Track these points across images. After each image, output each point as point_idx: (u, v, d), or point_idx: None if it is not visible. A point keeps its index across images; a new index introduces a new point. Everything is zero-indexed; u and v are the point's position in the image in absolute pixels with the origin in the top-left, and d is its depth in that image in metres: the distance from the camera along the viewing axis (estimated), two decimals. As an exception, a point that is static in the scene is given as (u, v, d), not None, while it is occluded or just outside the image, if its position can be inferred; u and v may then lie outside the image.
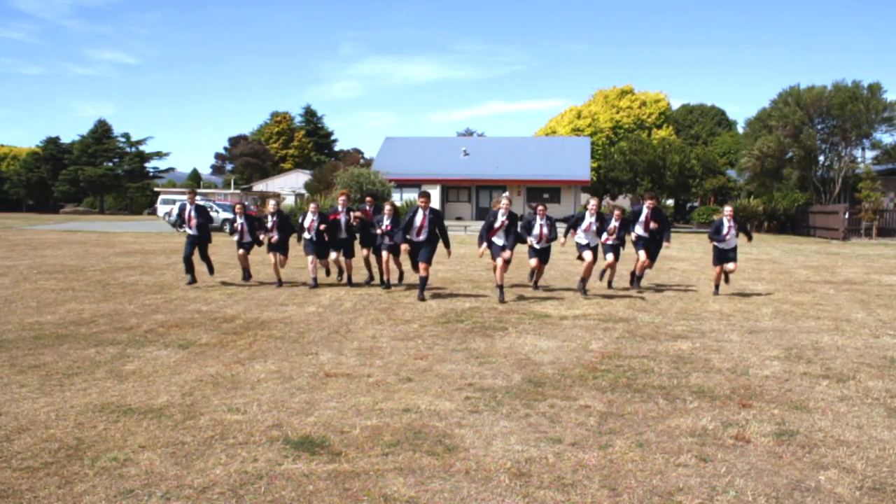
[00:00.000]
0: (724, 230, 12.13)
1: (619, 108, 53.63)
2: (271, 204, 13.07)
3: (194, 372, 6.52)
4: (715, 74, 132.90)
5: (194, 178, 79.01)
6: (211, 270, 13.34)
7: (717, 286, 12.48)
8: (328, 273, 13.64)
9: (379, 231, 12.18)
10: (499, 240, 11.42)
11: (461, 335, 8.39)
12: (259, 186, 65.53)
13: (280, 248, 12.84)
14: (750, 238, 13.21)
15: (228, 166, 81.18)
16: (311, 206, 12.95)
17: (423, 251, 11.24)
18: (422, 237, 11.28)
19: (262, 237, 12.71)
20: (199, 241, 12.80)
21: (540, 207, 11.91)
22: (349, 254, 12.76)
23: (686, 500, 3.90)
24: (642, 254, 12.59)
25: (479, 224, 40.89)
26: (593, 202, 12.33)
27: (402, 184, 40.80)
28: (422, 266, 11.19)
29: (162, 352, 7.33)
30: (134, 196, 71.86)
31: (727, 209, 12.38)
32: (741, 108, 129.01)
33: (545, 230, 11.81)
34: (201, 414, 5.28)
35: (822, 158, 39.80)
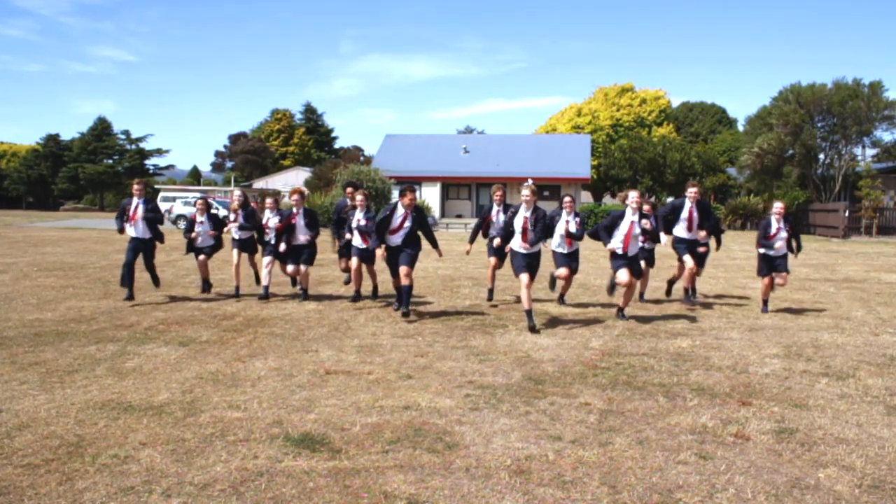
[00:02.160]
0: (772, 231, 9.98)
1: (619, 105, 53.60)
2: (236, 195, 11.35)
3: (195, 369, 6.53)
4: (715, 72, 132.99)
5: (194, 176, 79.01)
6: (156, 282, 11.04)
7: (765, 302, 10.29)
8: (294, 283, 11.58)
9: (349, 235, 10.34)
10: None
11: (461, 332, 8.39)
12: (259, 184, 65.50)
13: (246, 246, 11.20)
14: (798, 249, 10.23)
15: (228, 164, 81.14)
16: (268, 201, 11.10)
17: (404, 255, 9.23)
18: (398, 239, 9.30)
19: (224, 229, 11.09)
20: (145, 246, 10.65)
21: (567, 199, 9.93)
22: (309, 261, 10.83)
23: (686, 497, 3.90)
24: (688, 259, 10.42)
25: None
26: (634, 195, 9.31)
27: (403, 181, 40.72)
28: (403, 272, 9.15)
29: (162, 349, 7.34)
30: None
31: (777, 205, 10.05)
32: (741, 106, 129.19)
33: (572, 228, 9.77)
34: (202, 411, 5.28)
35: (822, 156, 39.77)
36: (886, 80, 76.19)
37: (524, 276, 8.67)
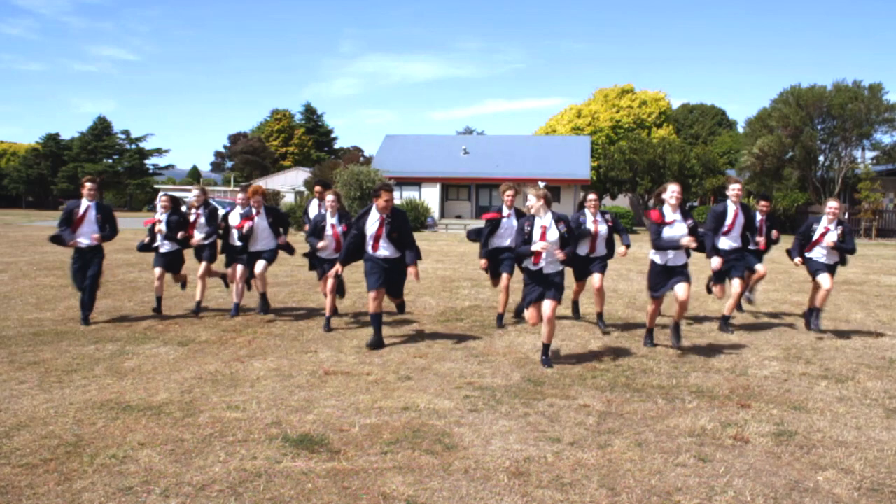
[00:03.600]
0: (817, 234, 8.50)
1: (619, 107, 53.60)
2: (194, 193, 9.90)
3: (193, 369, 6.52)
4: (715, 74, 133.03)
5: (194, 176, 78.99)
6: (90, 304, 8.78)
7: (817, 311, 8.64)
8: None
9: (322, 244, 8.53)
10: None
11: (460, 333, 8.39)
12: (259, 184, 65.44)
13: (207, 252, 9.71)
14: (848, 252, 8.64)
15: (228, 164, 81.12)
16: (239, 197, 9.90)
17: (396, 285, 7.80)
18: (381, 252, 7.48)
19: (180, 236, 9.36)
20: (91, 258, 8.75)
21: (591, 197, 8.69)
22: (268, 263, 9.29)
23: (684, 499, 3.90)
24: (760, 267, 9.39)
25: (481, 224, 40.90)
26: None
27: (402, 182, 40.76)
28: (395, 300, 8.14)
29: (161, 349, 7.33)
30: (133, 193, 71.79)
31: (831, 204, 8.48)
32: (741, 108, 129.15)
33: (602, 228, 8.58)
34: (200, 411, 5.28)
35: (822, 158, 39.81)
36: (886, 82, 76.19)
37: (542, 306, 6.79)
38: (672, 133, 53.53)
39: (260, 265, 9.15)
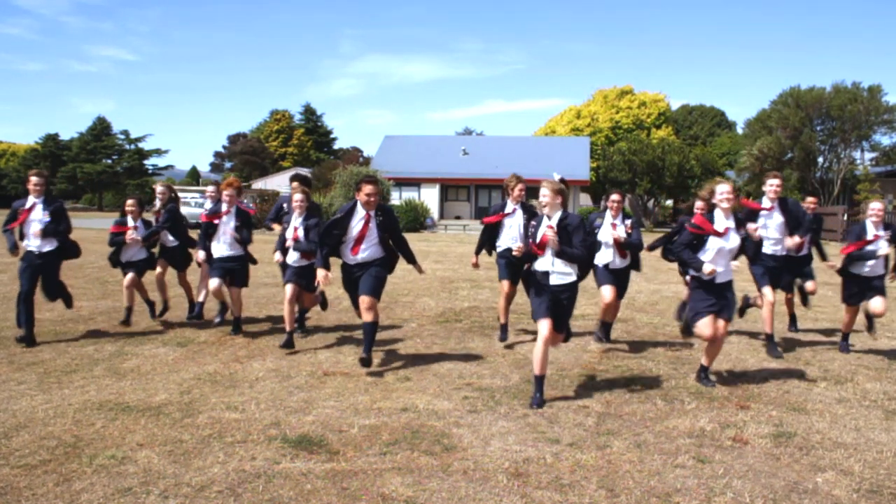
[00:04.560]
0: (869, 236, 7.41)
1: (618, 108, 53.62)
2: (159, 191, 8.97)
3: (192, 370, 6.52)
4: (715, 75, 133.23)
5: (193, 176, 78.95)
6: (69, 302, 8.06)
7: (846, 336, 7.91)
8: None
9: (288, 242, 7.62)
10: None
11: (459, 334, 8.39)
12: (258, 184, 65.49)
13: (173, 258, 8.89)
14: None
15: (227, 164, 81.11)
16: (210, 189, 9.08)
17: (366, 279, 6.58)
18: (361, 255, 6.60)
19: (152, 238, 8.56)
20: (48, 264, 7.62)
21: (613, 198, 7.64)
22: (240, 281, 8.15)
23: (684, 501, 3.90)
24: (767, 291, 7.44)
25: (481, 225, 40.82)
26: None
27: (402, 182, 40.76)
28: (365, 304, 6.55)
29: (160, 349, 7.33)
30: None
31: (874, 206, 7.51)
32: (741, 109, 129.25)
33: (621, 232, 7.48)
34: (199, 412, 5.28)
35: (821, 160, 39.87)
36: (885, 83, 76.32)
37: (544, 324, 5.68)
38: (671, 134, 53.55)
39: (225, 287, 8.14)
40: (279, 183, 63.77)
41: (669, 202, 49.70)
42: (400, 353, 7.34)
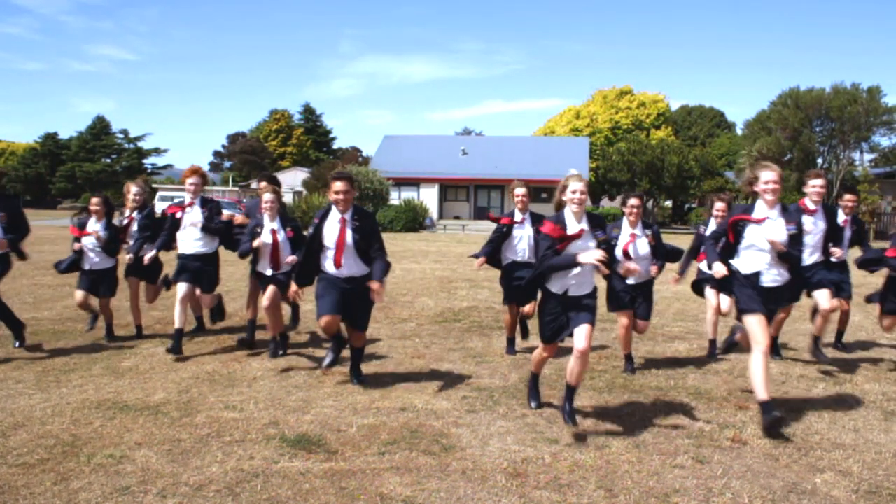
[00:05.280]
0: None
1: (617, 108, 53.68)
2: (133, 191, 7.99)
3: (191, 369, 6.51)
4: (714, 76, 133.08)
5: (192, 175, 78.78)
6: (19, 332, 7.05)
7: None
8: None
9: (252, 243, 6.84)
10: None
11: (458, 334, 8.38)
12: (257, 184, 65.42)
13: (142, 270, 7.72)
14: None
15: (227, 163, 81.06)
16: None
17: (362, 311, 5.94)
18: (346, 269, 5.77)
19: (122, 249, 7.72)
20: None
21: (632, 202, 6.54)
22: (207, 285, 7.36)
23: (682, 501, 3.90)
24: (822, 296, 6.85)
25: (479, 224, 41.11)
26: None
27: (401, 182, 40.78)
28: (356, 338, 6.06)
29: (159, 348, 7.32)
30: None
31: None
32: (740, 110, 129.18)
33: (641, 246, 6.51)
34: (198, 411, 5.27)
35: (820, 160, 39.91)
36: (885, 85, 76.38)
37: (579, 335, 4.99)
38: (671, 134, 53.61)
39: (198, 292, 7.36)
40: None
41: (668, 203, 49.74)
42: (398, 353, 7.33)
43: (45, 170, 70.97)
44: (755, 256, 5.23)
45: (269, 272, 6.91)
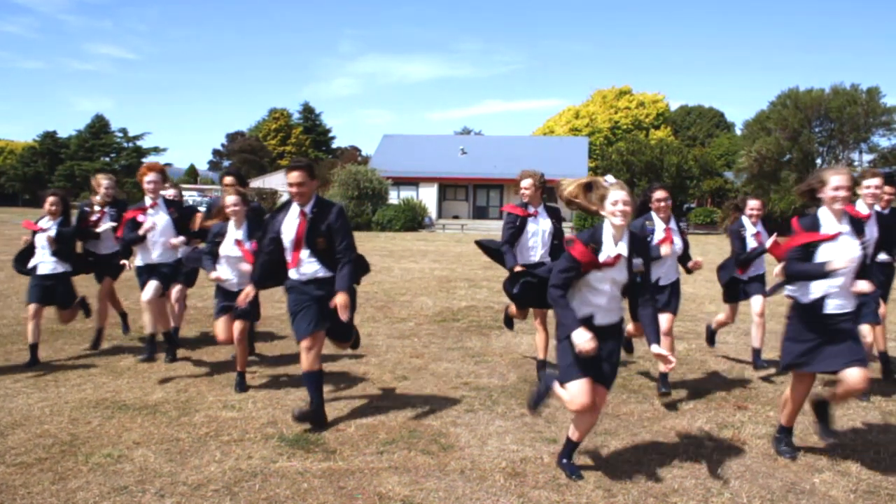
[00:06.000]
0: None
1: (617, 108, 53.72)
2: (104, 185, 7.30)
3: (189, 368, 6.51)
4: (714, 76, 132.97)
5: (191, 174, 78.90)
6: None
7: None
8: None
9: (214, 273, 5.93)
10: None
11: (457, 334, 8.38)
12: (256, 183, 65.46)
13: (110, 269, 7.22)
14: None
15: (226, 162, 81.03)
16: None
17: (315, 306, 4.97)
18: (307, 269, 4.99)
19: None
20: None
21: (659, 196, 5.96)
22: (188, 283, 7.19)
23: (681, 501, 3.90)
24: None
25: (478, 224, 41.18)
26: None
27: (400, 182, 40.77)
28: (304, 346, 4.96)
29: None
30: (131, 191, 71.66)
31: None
32: (739, 110, 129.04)
33: (677, 243, 5.95)
34: (196, 411, 5.27)
35: (819, 161, 39.94)
36: (884, 85, 76.39)
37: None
38: (670, 135, 53.64)
39: (175, 289, 6.77)
40: (278, 182, 63.79)
41: None
42: (397, 353, 7.33)
43: (44, 168, 70.92)
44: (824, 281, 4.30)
45: (236, 289, 5.78)
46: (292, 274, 5.05)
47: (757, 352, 6.73)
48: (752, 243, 6.68)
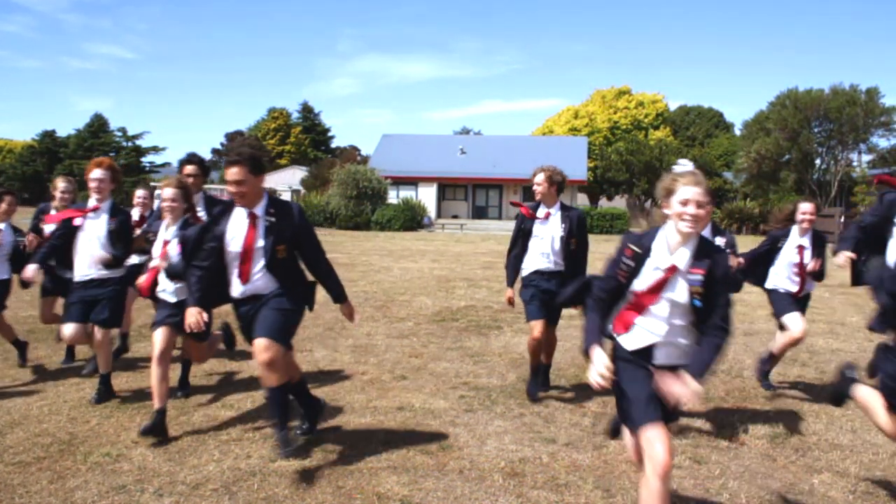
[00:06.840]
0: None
1: (616, 108, 53.68)
2: (60, 189, 6.42)
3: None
4: (713, 76, 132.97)
5: (191, 174, 78.77)
6: None
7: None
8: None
9: (158, 263, 4.97)
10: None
11: (456, 333, 8.38)
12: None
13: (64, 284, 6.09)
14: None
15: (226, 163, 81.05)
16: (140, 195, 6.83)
17: (264, 315, 4.18)
18: (256, 281, 4.24)
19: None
20: None
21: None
22: (111, 319, 5.50)
23: (680, 501, 3.90)
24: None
25: (478, 224, 41.17)
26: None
27: (399, 181, 40.75)
28: (260, 351, 4.14)
29: (156, 347, 7.29)
30: (130, 191, 71.39)
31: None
32: (739, 110, 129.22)
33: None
34: (195, 410, 5.26)
35: (818, 161, 40.00)
36: (883, 86, 76.53)
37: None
38: (669, 135, 53.62)
39: (98, 332, 5.41)
40: (277, 181, 63.76)
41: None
42: (396, 352, 7.33)
43: (43, 168, 70.89)
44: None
45: (173, 299, 4.98)
46: (235, 287, 4.27)
47: (766, 363, 6.25)
48: (790, 257, 5.89)
